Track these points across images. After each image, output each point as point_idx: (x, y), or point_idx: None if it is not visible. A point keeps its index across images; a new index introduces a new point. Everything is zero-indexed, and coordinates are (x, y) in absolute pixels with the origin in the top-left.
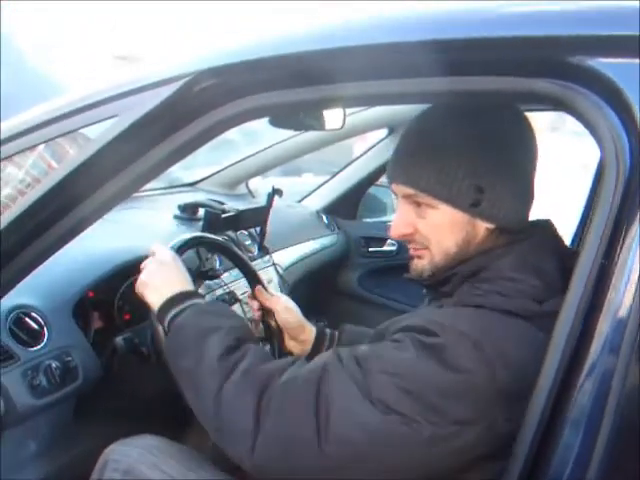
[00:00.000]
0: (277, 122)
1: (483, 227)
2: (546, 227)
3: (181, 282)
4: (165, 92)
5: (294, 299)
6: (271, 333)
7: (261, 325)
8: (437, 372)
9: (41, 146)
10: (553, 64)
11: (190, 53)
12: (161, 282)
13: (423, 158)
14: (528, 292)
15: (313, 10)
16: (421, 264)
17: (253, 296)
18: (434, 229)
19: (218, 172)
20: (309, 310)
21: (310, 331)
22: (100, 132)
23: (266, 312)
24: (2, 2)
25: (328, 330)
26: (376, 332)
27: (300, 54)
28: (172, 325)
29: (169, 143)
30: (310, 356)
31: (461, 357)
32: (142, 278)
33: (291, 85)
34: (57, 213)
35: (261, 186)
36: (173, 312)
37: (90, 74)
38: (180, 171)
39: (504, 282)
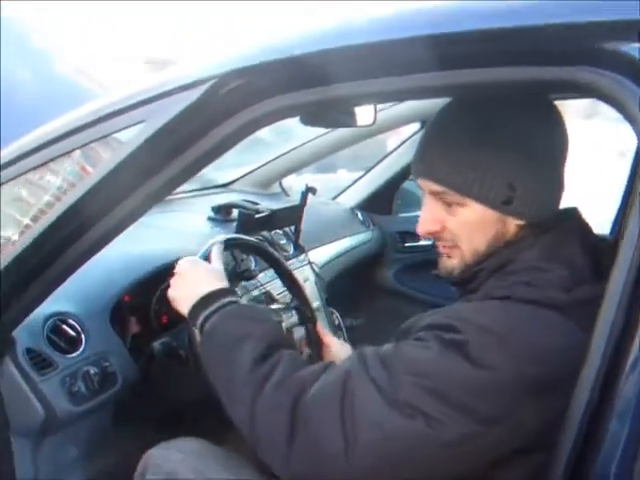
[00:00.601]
0: (308, 120)
1: (513, 224)
2: (573, 215)
3: (209, 282)
4: (192, 95)
5: (332, 297)
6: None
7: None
8: (461, 369)
9: (76, 152)
10: (588, 52)
11: (216, 54)
12: (187, 289)
13: (451, 154)
14: (555, 282)
15: (313, 10)
16: (450, 263)
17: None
18: (464, 227)
19: (251, 172)
20: (346, 307)
21: None
22: (128, 137)
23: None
24: (2, 2)
25: None
26: (401, 330)
27: (328, 51)
28: (204, 329)
29: (198, 147)
30: None
31: (485, 352)
32: (170, 293)
33: (320, 83)
34: (90, 219)
35: (295, 184)
36: (204, 315)
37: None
38: (213, 172)
39: (531, 272)
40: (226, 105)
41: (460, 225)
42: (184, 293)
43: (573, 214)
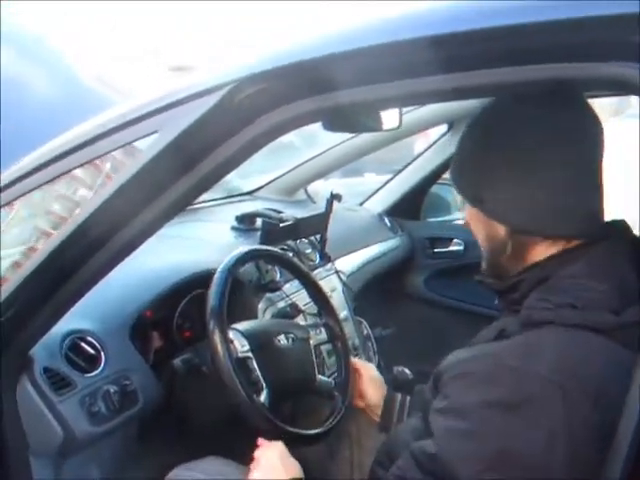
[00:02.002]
0: (331, 125)
1: (501, 228)
2: (620, 228)
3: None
4: (207, 103)
5: (360, 306)
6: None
7: None
8: (519, 433)
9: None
10: (620, 45)
11: (232, 60)
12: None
13: (460, 156)
14: (603, 302)
15: (329, 11)
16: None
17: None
18: (469, 222)
19: (276, 179)
20: (375, 317)
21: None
22: (143, 148)
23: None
24: (2, 2)
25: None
26: (436, 374)
27: (346, 53)
28: None
29: (215, 157)
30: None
31: (544, 406)
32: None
33: (339, 87)
34: (106, 233)
35: (322, 189)
36: None
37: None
38: (238, 179)
39: (575, 291)
40: (243, 112)
41: (468, 220)
42: None
43: (620, 227)
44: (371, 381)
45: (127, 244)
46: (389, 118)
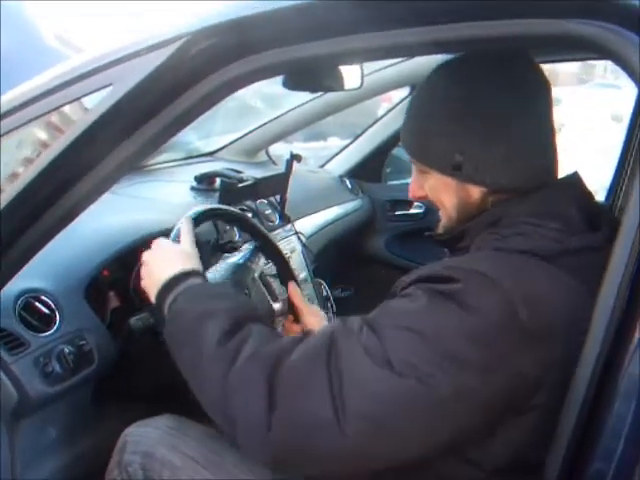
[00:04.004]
0: (291, 84)
1: (477, 190)
2: (571, 178)
3: (172, 265)
4: (160, 56)
5: (320, 268)
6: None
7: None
8: (453, 317)
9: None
10: (586, 3)
11: (187, 12)
12: (152, 277)
13: (413, 123)
14: (549, 235)
15: None
16: (440, 224)
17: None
18: (433, 193)
19: (237, 140)
20: (335, 279)
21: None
22: (96, 102)
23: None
24: (2, 2)
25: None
26: (389, 294)
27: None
28: (169, 314)
29: (169, 111)
30: None
31: (480, 297)
32: (142, 285)
33: (296, 41)
34: (61, 187)
35: (285, 152)
36: (169, 300)
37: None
38: (198, 141)
39: (524, 225)
40: (197, 66)
41: (430, 191)
42: (150, 281)
43: (572, 177)
44: (311, 313)
45: (82, 199)
46: (350, 78)
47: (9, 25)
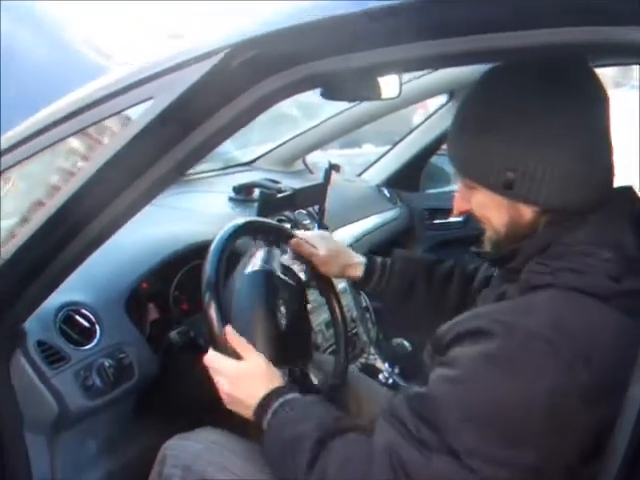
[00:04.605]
0: (330, 94)
1: (529, 210)
2: (626, 194)
3: (262, 384)
4: (202, 69)
5: None
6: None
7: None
8: (504, 387)
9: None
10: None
11: (229, 25)
12: (242, 395)
13: (459, 136)
14: (604, 269)
15: None
16: (485, 237)
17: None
18: (479, 209)
19: (273, 149)
20: None
21: (358, 263)
22: (136, 116)
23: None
24: (2, 2)
25: (379, 259)
26: (434, 339)
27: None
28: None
29: (210, 124)
30: (361, 285)
31: (533, 361)
32: (224, 396)
33: (340, 51)
34: (100, 202)
35: (321, 160)
36: (264, 423)
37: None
38: (236, 150)
39: (576, 257)
40: (239, 78)
41: (477, 207)
42: (239, 398)
43: (626, 193)
44: (322, 238)
45: (121, 214)
46: (388, 87)
47: (35, 27)
